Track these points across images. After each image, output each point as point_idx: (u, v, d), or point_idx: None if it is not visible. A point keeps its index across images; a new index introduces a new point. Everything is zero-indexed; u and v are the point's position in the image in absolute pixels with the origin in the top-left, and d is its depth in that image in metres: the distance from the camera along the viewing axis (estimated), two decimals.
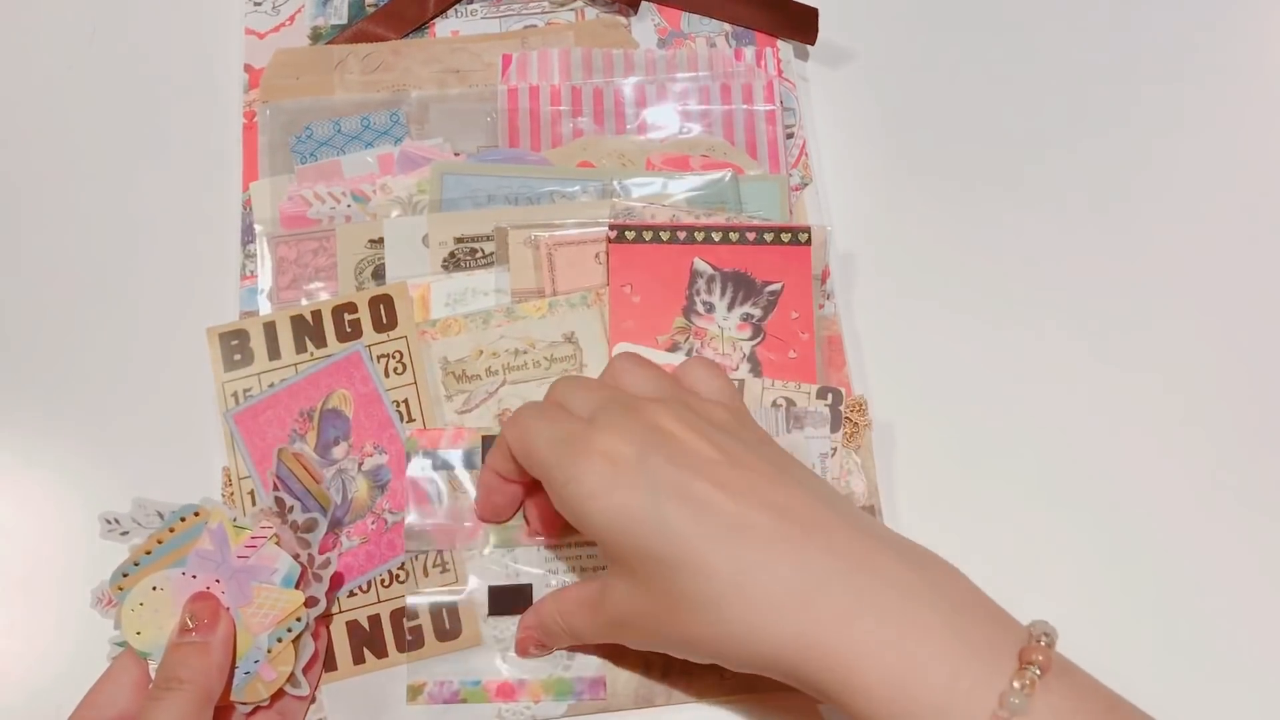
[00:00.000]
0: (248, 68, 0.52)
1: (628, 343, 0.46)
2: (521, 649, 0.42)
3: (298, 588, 0.39)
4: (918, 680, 0.31)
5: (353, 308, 0.46)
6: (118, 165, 0.52)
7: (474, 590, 0.42)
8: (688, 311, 0.46)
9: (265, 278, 0.47)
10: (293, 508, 0.40)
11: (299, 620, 0.39)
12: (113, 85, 0.53)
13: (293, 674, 0.39)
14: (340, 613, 0.42)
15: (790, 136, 0.51)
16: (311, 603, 0.39)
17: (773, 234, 0.47)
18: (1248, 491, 0.46)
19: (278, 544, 0.39)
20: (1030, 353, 0.48)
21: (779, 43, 0.53)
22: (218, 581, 0.38)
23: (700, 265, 0.47)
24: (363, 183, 0.49)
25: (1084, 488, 0.46)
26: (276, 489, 0.42)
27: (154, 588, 0.38)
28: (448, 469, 0.44)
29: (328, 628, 0.42)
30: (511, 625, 0.42)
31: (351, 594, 0.43)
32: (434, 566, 0.43)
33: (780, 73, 0.53)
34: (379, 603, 0.43)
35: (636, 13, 0.54)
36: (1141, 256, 0.50)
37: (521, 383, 0.45)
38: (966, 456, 0.46)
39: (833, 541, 0.34)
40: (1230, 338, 0.48)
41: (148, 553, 0.39)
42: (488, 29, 0.54)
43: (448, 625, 0.42)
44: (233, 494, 0.44)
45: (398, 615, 0.42)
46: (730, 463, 0.35)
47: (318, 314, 0.46)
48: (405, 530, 0.43)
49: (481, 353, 0.46)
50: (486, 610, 0.42)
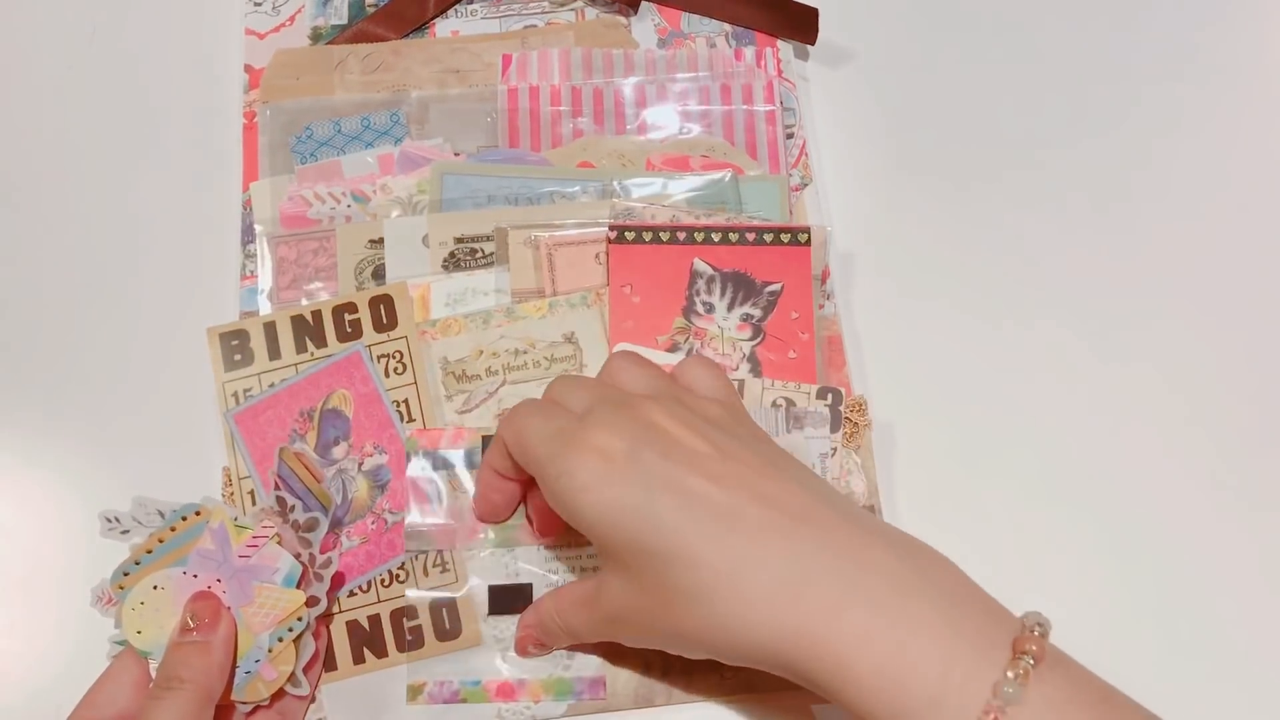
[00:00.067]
0: (248, 68, 0.52)
1: (628, 343, 0.46)
2: (520, 648, 0.42)
3: (299, 587, 0.39)
4: (910, 671, 0.31)
5: (353, 308, 0.46)
6: (118, 165, 0.52)
7: (474, 590, 0.42)
8: (688, 312, 0.46)
9: (265, 278, 0.47)
10: (294, 507, 0.40)
11: (300, 620, 0.39)
12: (113, 85, 0.53)
13: (293, 673, 0.39)
14: (340, 613, 0.43)
15: (790, 136, 0.51)
16: (313, 602, 0.39)
17: (772, 234, 0.47)
18: (1248, 491, 0.46)
19: (279, 543, 0.39)
20: (1030, 352, 0.48)
21: (779, 43, 0.53)
22: (219, 581, 0.38)
23: (700, 266, 0.47)
24: (363, 183, 0.49)
25: (1084, 487, 0.46)
26: (278, 488, 0.42)
27: (155, 587, 0.38)
28: (448, 469, 0.44)
29: (328, 627, 0.42)
30: (511, 625, 0.42)
31: (351, 594, 0.43)
32: (434, 566, 0.43)
33: (780, 73, 0.53)
34: (379, 603, 0.43)
35: (636, 13, 0.54)
36: (1142, 256, 0.50)
37: (521, 383, 0.45)
38: (966, 456, 0.46)
39: (824, 533, 0.34)
40: (1231, 337, 0.48)
41: (148, 552, 0.39)
42: (488, 29, 0.54)
43: (448, 625, 0.42)
44: (233, 494, 0.44)
45: (398, 615, 0.42)
46: (722, 457, 0.35)
47: (318, 314, 0.46)
48: (405, 530, 0.43)
49: (481, 353, 0.46)
50: (486, 610, 0.42)
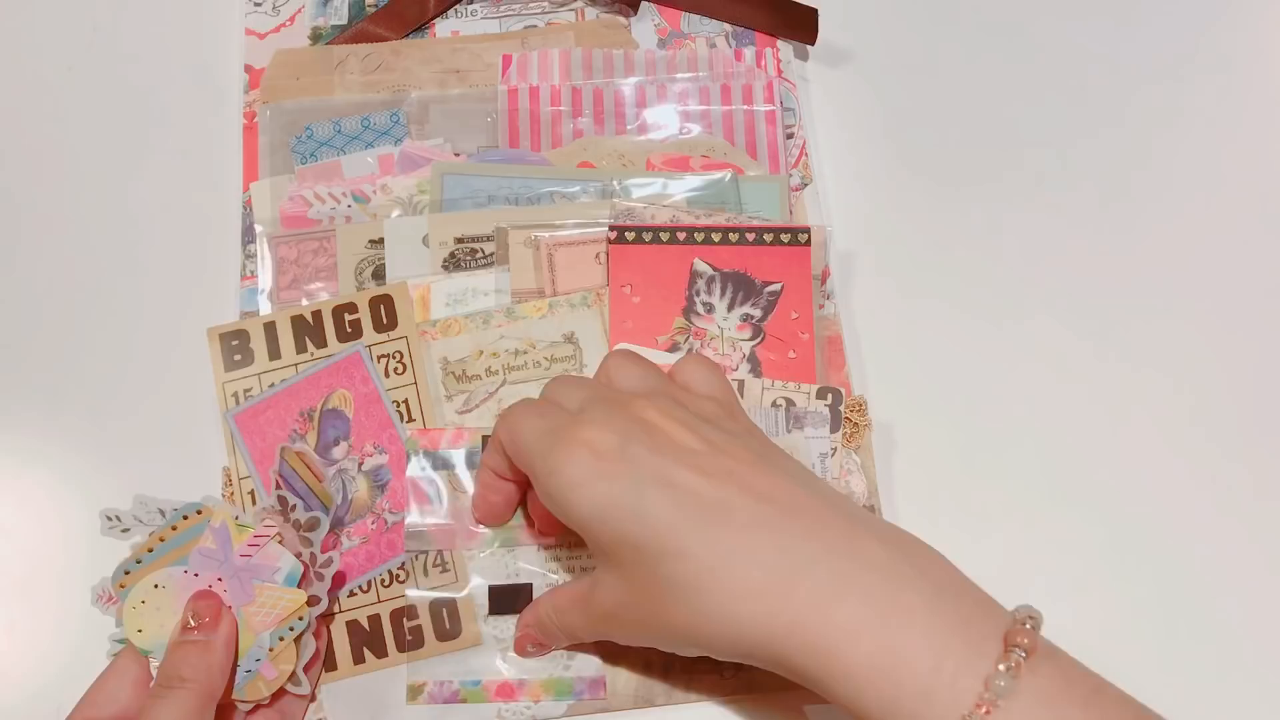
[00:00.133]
0: (248, 68, 0.52)
1: (628, 343, 0.46)
2: (519, 647, 0.42)
3: (300, 587, 0.39)
4: (901, 664, 0.31)
5: (353, 308, 0.46)
6: (118, 165, 0.52)
7: (474, 590, 0.42)
8: (688, 312, 0.46)
9: (265, 278, 0.47)
10: (295, 506, 0.40)
11: (301, 619, 0.39)
12: (113, 85, 0.53)
13: (294, 672, 0.39)
14: (340, 612, 0.42)
15: (790, 137, 0.51)
16: (313, 602, 0.39)
17: (772, 234, 0.47)
18: (1250, 490, 0.46)
19: (280, 543, 0.39)
20: (1031, 352, 0.48)
21: (779, 43, 0.53)
22: (220, 580, 0.38)
23: (700, 266, 0.47)
24: (363, 183, 0.49)
25: (1084, 486, 0.46)
26: (279, 487, 0.42)
27: (156, 585, 0.38)
28: (448, 469, 0.44)
29: (328, 627, 0.42)
30: (511, 625, 0.42)
31: (351, 594, 0.43)
32: (434, 566, 0.43)
33: (780, 73, 0.53)
34: (379, 603, 0.43)
35: (636, 13, 0.54)
36: (1142, 255, 0.50)
37: (521, 383, 0.45)
38: (966, 456, 0.46)
39: (814, 526, 0.34)
40: (1231, 336, 0.48)
41: (150, 550, 0.39)
42: (488, 29, 0.54)
43: (448, 625, 0.42)
44: (233, 494, 0.44)
45: (398, 615, 0.42)
46: (714, 452, 0.35)
47: (318, 314, 0.46)
48: (405, 530, 0.43)
49: (481, 353, 0.46)
50: (486, 610, 0.42)
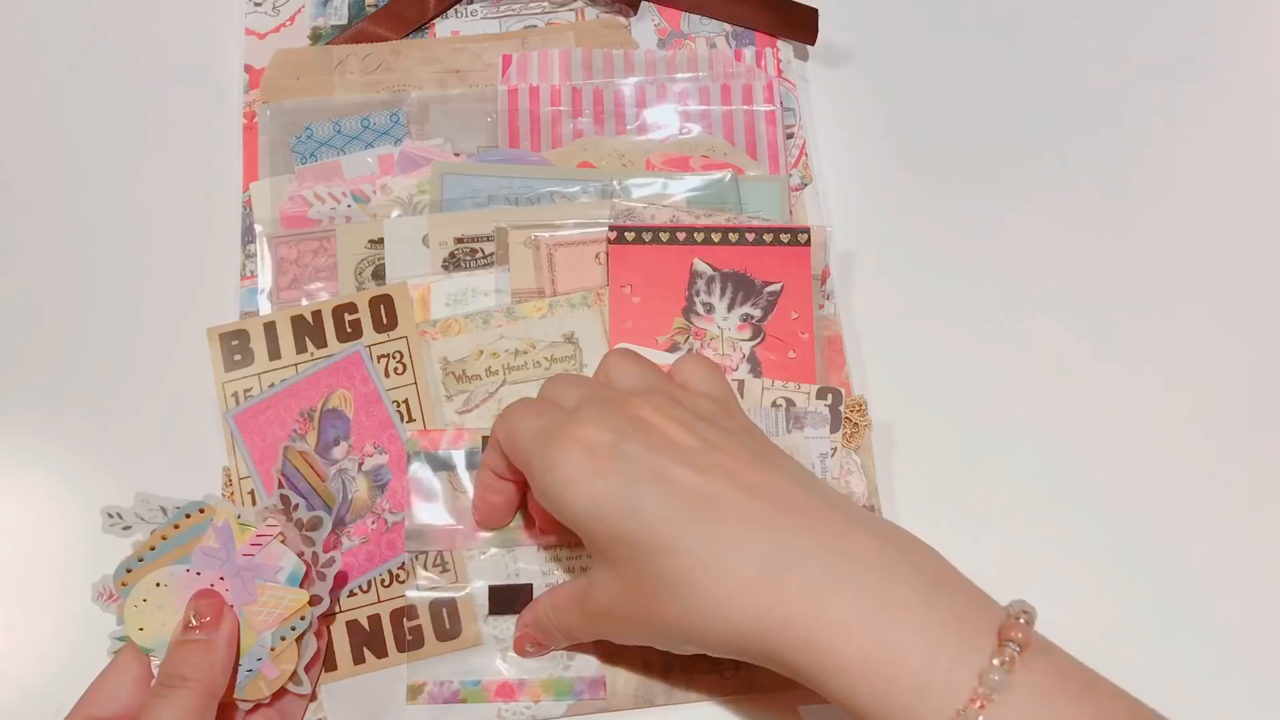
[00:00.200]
0: (248, 68, 0.52)
1: (628, 343, 0.46)
2: (518, 647, 0.42)
3: (302, 586, 0.39)
4: (895, 659, 0.31)
5: (353, 308, 0.46)
6: (118, 165, 0.52)
7: (474, 590, 0.42)
8: (687, 312, 0.46)
9: (265, 278, 0.47)
10: (298, 505, 0.40)
11: (303, 619, 0.39)
12: (113, 85, 0.53)
13: (295, 672, 0.39)
14: (340, 612, 0.42)
15: (790, 137, 0.51)
16: (315, 601, 0.39)
17: (772, 234, 0.47)
18: (1250, 490, 0.46)
19: (283, 542, 0.39)
20: (1031, 352, 0.48)
21: (779, 43, 0.53)
22: (221, 579, 0.38)
23: (700, 266, 0.47)
24: (363, 183, 0.49)
25: (1084, 486, 0.46)
26: (282, 486, 0.42)
27: (158, 584, 0.38)
28: (448, 469, 0.44)
29: (328, 627, 0.42)
30: (511, 625, 0.42)
31: (351, 594, 0.43)
32: (434, 566, 0.43)
33: (780, 73, 0.53)
34: (379, 603, 0.43)
35: (636, 13, 0.54)
36: (1142, 255, 0.50)
37: (521, 383, 0.45)
38: (966, 456, 0.46)
39: (808, 522, 0.34)
40: (1230, 337, 0.48)
41: (152, 549, 0.39)
42: (488, 29, 0.54)
43: (448, 625, 0.42)
44: (233, 494, 0.44)
45: (398, 615, 0.42)
46: (708, 449, 0.35)
47: (318, 314, 0.46)
48: (405, 530, 0.43)
49: (482, 353, 0.46)
50: (487, 610, 0.42)
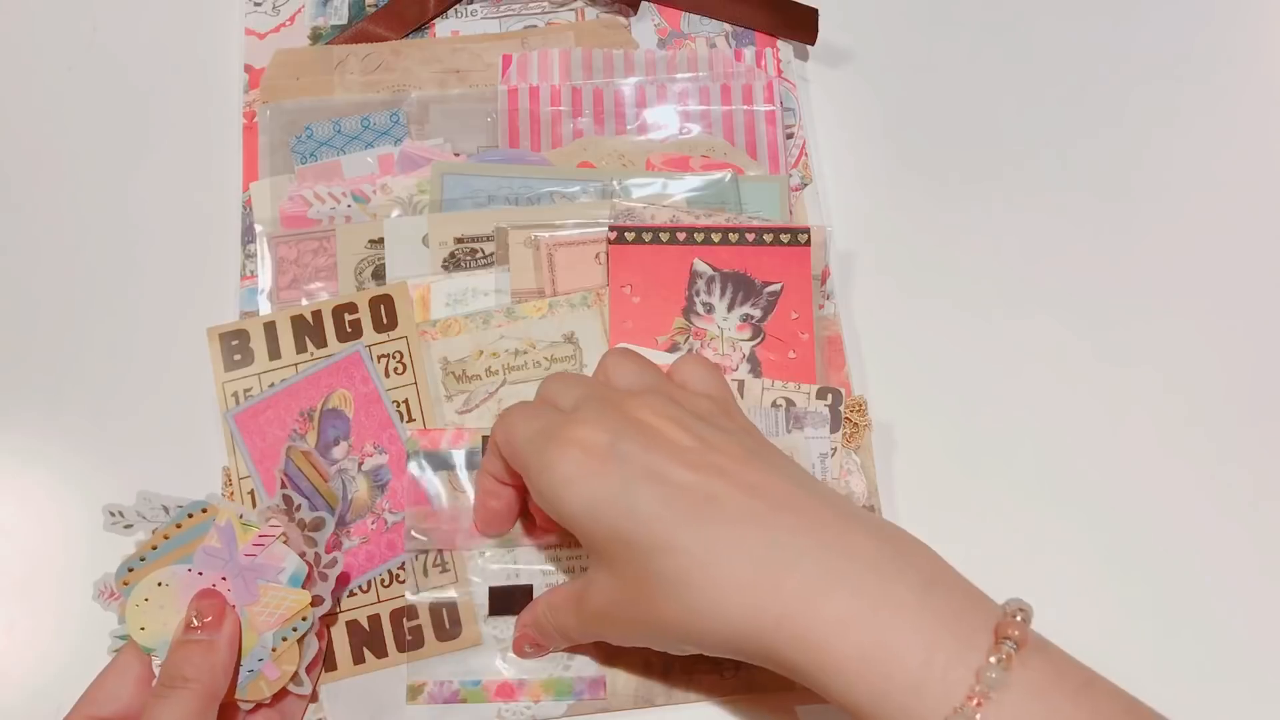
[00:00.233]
0: (248, 68, 0.52)
1: (628, 343, 0.46)
2: (517, 648, 0.42)
3: (304, 587, 0.39)
4: (892, 657, 0.31)
5: (353, 308, 0.46)
6: (118, 165, 0.52)
7: (474, 590, 0.42)
8: (687, 312, 0.46)
9: (265, 278, 0.47)
10: (300, 506, 0.40)
11: (305, 620, 0.38)
12: (113, 85, 0.53)
13: (296, 673, 0.39)
14: (340, 612, 0.42)
15: (790, 137, 0.51)
16: (317, 602, 0.39)
17: (772, 234, 0.47)
18: (1250, 490, 0.46)
19: (285, 543, 0.39)
20: (1031, 352, 0.48)
21: (779, 43, 0.53)
22: (224, 579, 0.38)
23: (700, 266, 0.47)
24: (363, 183, 0.49)
25: (1085, 487, 0.46)
26: (284, 486, 0.42)
27: (159, 583, 0.38)
28: (448, 469, 0.44)
29: (328, 627, 0.42)
30: (511, 625, 0.42)
31: (351, 594, 0.43)
32: (434, 566, 0.43)
33: (780, 73, 0.53)
34: (379, 603, 0.43)
35: (636, 13, 0.54)
36: (1142, 254, 0.50)
37: (521, 383, 0.45)
38: (966, 456, 0.46)
39: (804, 521, 0.34)
40: (1230, 337, 0.49)
41: (154, 548, 0.39)
42: (488, 29, 0.54)
43: (448, 625, 0.42)
44: (233, 494, 0.44)
45: (398, 615, 0.42)
46: (705, 449, 0.35)
47: (318, 314, 0.46)
48: (405, 530, 0.43)
49: (482, 353, 0.46)
50: (487, 610, 0.42)
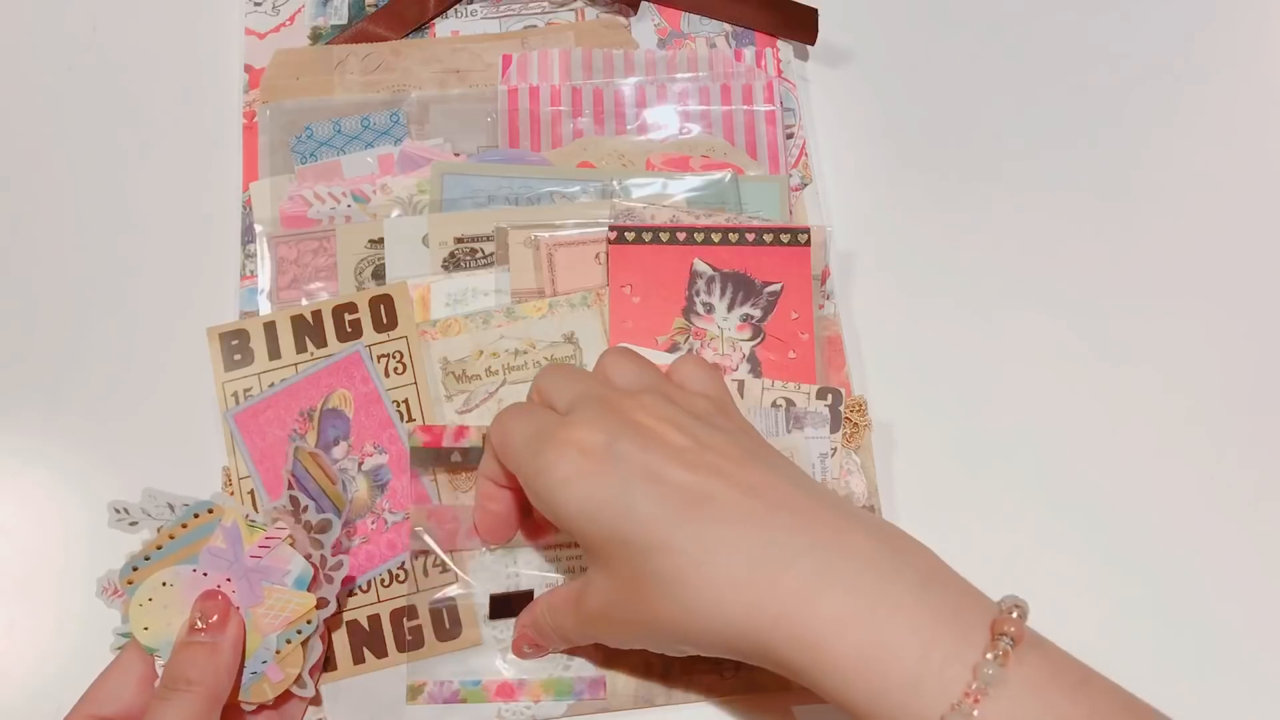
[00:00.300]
0: (248, 68, 0.52)
1: (627, 343, 0.46)
2: (516, 648, 0.42)
3: (309, 589, 0.39)
4: (889, 655, 0.31)
5: (353, 308, 0.46)
6: (118, 165, 0.52)
7: (475, 591, 0.42)
8: (687, 312, 0.47)
9: (265, 278, 0.47)
10: (307, 508, 0.40)
11: (309, 623, 0.38)
12: (113, 85, 0.53)
13: (300, 675, 0.38)
14: (341, 613, 0.42)
15: (790, 137, 0.51)
16: (322, 604, 0.39)
17: (772, 234, 0.47)
18: (1249, 490, 0.46)
19: (292, 545, 0.38)
20: (1031, 352, 0.48)
21: (779, 43, 0.53)
22: (228, 580, 0.38)
23: (700, 266, 0.47)
24: (363, 183, 0.49)
25: (1085, 488, 0.46)
26: (291, 487, 0.42)
27: (164, 583, 0.38)
28: (449, 466, 0.43)
29: (331, 630, 0.42)
30: (511, 625, 0.42)
31: (351, 594, 0.43)
32: (434, 566, 0.43)
33: (780, 73, 0.53)
34: (379, 603, 0.43)
35: (636, 13, 0.54)
36: (1142, 254, 0.50)
37: (521, 383, 0.45)
38: (966, 456, 0.46)
39: (801, 520, 0.34)
40: (1231, 337, 0.49)
41: (159, 547, 0.38)
42: (488, 29, 0.54)
43: (448, 625, 0.42)
44: (233, 494, 0.44)
45: (398, 615, 0.42)
46: (701, 449, 0.35)
47: (318, 314, 0.46)
48: (411, 530, 0.43)
49: (482, 353, 0.46)
50: (487, 611, 0.42)
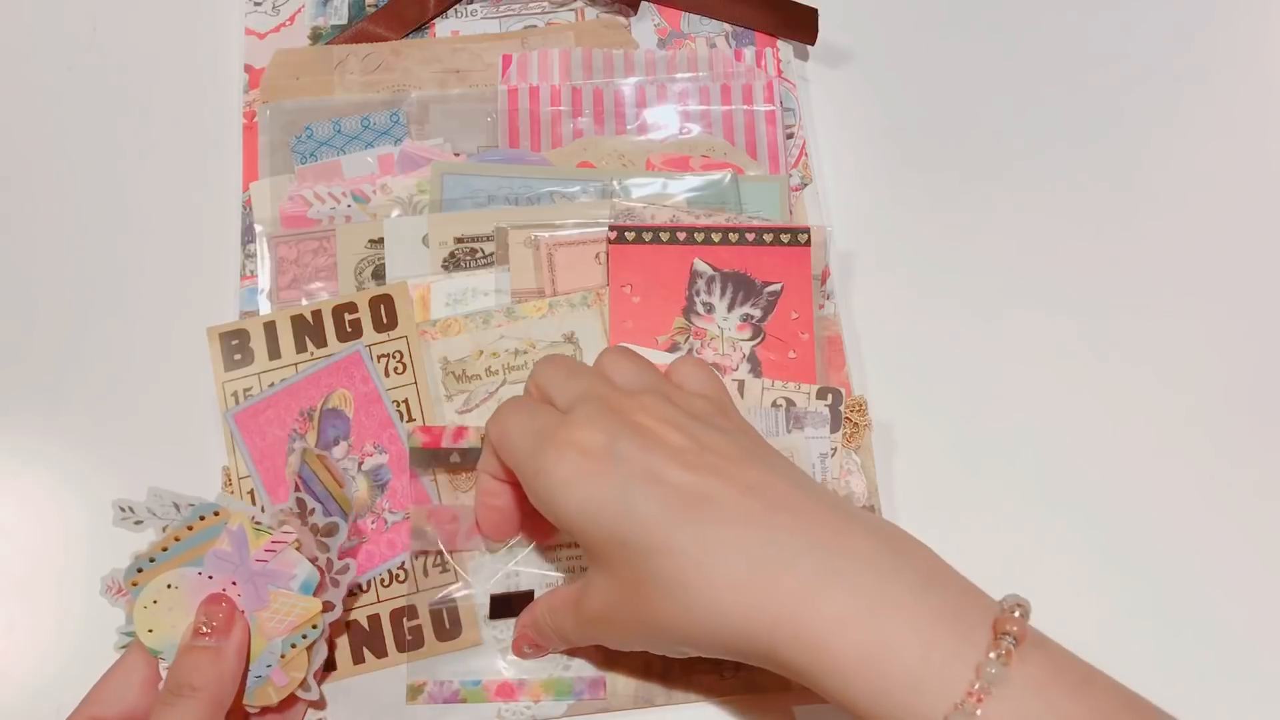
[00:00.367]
0: (248, 68, 0.52)
1: (628, 343, 0.46)
2: (516, 648, 0.42)
3: (315, 594, 0.38)
4: (890, 655, 0.31)
5: (353, 308, 0.46)
6: (118, 165, 0.52)
7: (475, 591, 0.42)
8: (688, 312, 0.47)
9: (265, 278, 0.47)
10: (314, 510, 0.40)
11: (315, 627, 0.38)
12: (113, 85, 0.53)
13: (304, 679, 0.38)
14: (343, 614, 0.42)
15: (790, 136, 0.51)
16: (328, 608, 0.39)
17: (772, 234, 0.47)
18: (1250, 490, 0.46)
19: (298, 549, 0.38)
20: (1031, 352, 0.48)
21: (779, 43, 0.53)
22: (234, 583, 0.38)
23: (700, 266, 0.47)
24: (363, 183, 0.49)
25: (1085, 487, 0.46)
26: (298, 489, 0.42)
27: (169, 585, 0.38)
28: (449, 466, 0.43)
29: (336, 635, 0.42)
30: (511, 625, 0.42)
31: (351, 594, 0.43)
32: (434, 566, 0.43)
33: (780, 73, 0.53)
34: (379, 603, 0.43)
35: (636, 13, 0.54)
36: (1142, 254, 0.50)
37: (521, 383, 0.45)
38: (966, 456, 0.46)
39: (800, 520, 0.34)
40: (1231, 337, 0.49)
41: (164, 549, 0.38)
42: (488, 29, 0.54)
43: (448, 625, 0.42)
44: (233, 494, 0.44)
45: (398, 615, 0.42)
46: (700, 449, 0.35)
47: (318, 314, 0.46)
48: (412, 529, 0.43)
49: (482, 353, 0.46)
50: (487, 612, 0.42)
